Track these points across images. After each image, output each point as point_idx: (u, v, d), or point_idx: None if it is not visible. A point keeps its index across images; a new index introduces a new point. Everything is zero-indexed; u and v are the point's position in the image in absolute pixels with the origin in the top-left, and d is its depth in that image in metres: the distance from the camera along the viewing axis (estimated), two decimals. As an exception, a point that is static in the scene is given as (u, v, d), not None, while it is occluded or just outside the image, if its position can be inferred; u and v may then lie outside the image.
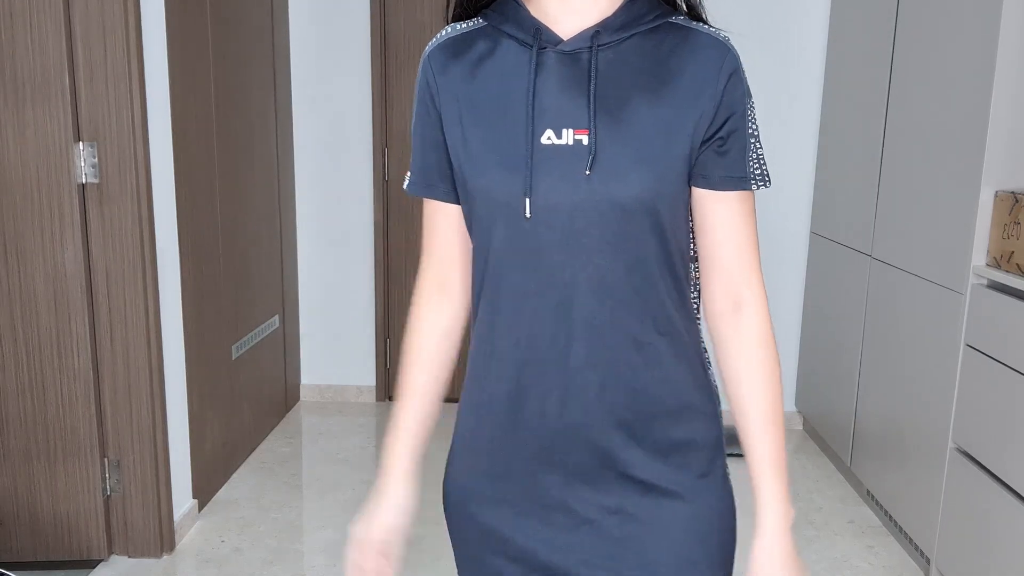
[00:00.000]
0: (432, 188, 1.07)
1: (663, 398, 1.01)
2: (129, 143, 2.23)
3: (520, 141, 0.97)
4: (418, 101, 1.06)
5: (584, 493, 1.01)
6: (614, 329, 0.98)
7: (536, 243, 0.97)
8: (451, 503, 1.12)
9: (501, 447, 1.04)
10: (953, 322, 2.26)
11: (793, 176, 3.46)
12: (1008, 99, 2.09)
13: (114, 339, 2.31)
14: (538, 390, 1.00)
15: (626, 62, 0.99)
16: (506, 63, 1.00)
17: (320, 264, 3.73)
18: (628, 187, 0.95)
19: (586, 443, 1.00)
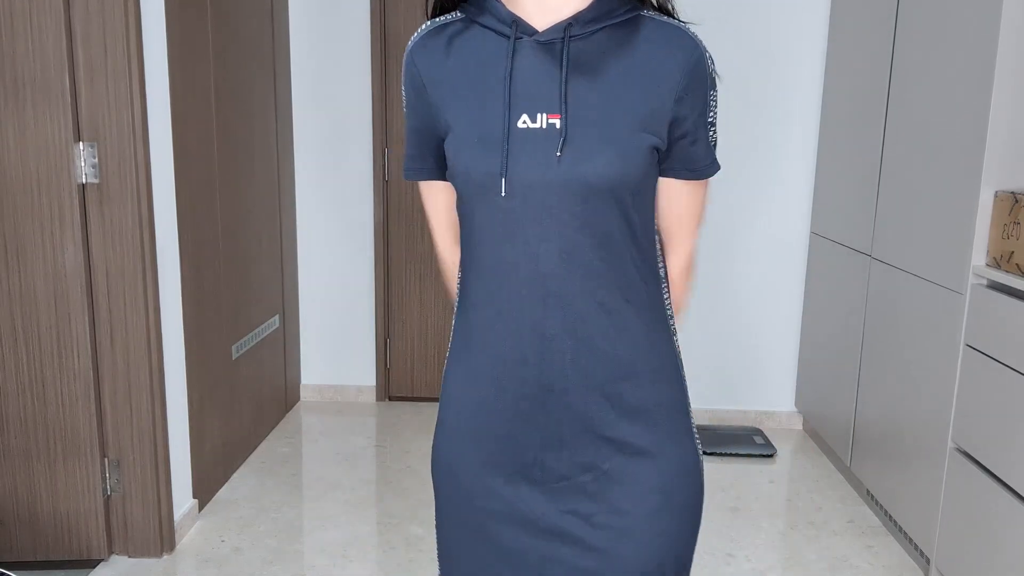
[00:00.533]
0: (422, 171, 1.17)
1: (632, 362, 1.09)
2: (129, 143, 2.23)
3: (497, 124, 1.05)
4: (407, 89, 1.14)
5: (561, 452, 1.09)
6: (585, 298, 1.06)
7: (512, 219, 1.05)
8: (438, 464, 1.19)
9: (485, 411, 1.11)
10: (953, 322, 2.26)
11: (793, 176, 3.46)
12: (1008, 99, 2.09)
13: (114, 339, 2.31)
14: (517, 357, 1.08)
15: (597, 52, 1.06)
16: (485, 52, 1.08)
17: (320, 264, 3.73)
18: (595, 168, 1.03)
19: (563, 406, 1.08)
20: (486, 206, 1.06)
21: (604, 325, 1.07)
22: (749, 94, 3.41)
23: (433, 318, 3.76)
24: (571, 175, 1.02)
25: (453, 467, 1.15)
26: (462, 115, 1.07)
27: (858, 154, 2.96)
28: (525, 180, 1.03)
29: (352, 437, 3.43)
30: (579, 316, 1.06)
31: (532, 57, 1.06)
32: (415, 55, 1.12)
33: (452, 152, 1.07)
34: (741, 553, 2.56)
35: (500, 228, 1.06)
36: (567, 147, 1.02)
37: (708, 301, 3.57)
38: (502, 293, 1.08)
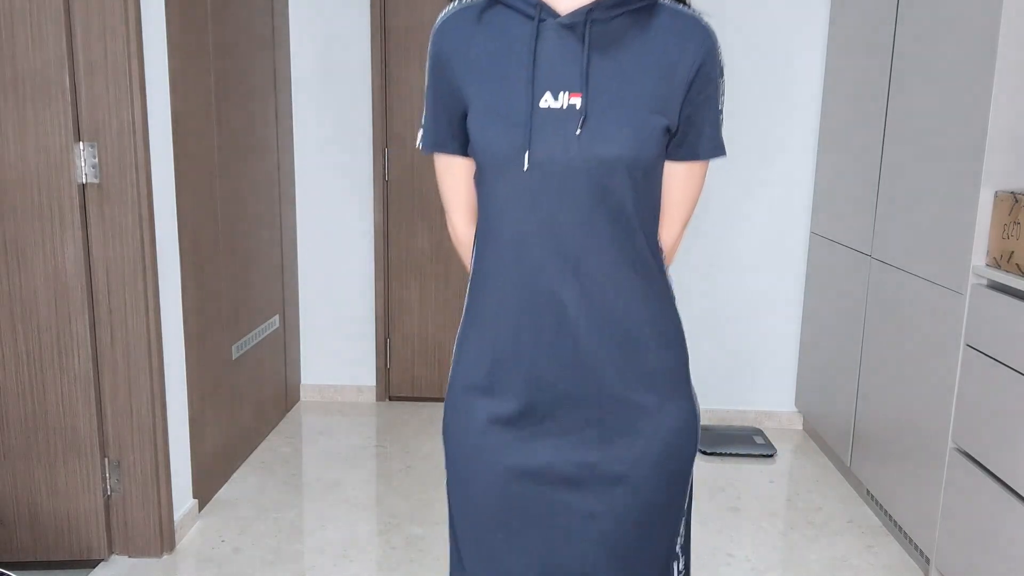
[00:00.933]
0: (443, 145, 1.22)
1: (641, 328, 1.17)
2: (129, 143, 2.23)
3: (521, 103, 1.11)
4: (430, 70, 1.20)
5: (571, 410, 1.18)
6: (599, 269, 1.14)
7: (532, 192, 1.12)
8: (451, 421, 1.25)
9: (500, 372, 1.19)
10: (953, 322, 2.26)
11: (793, 176, 3.46)
12: (1008, 99, 2.09)
13: (114, 339, 2.31)
14: (534, 323, 1.15)
15: (616, 37, 1.13)
16: (508, 33, 1.15)
17: (320, 264, 3.73)
18: (611, 147, 1.10)
19: (575, 368, 1.16)
20: (507, 180, 1.12)
21: (615, 293, 1.14)
22: (749, 94, 3.41)
23: (433, 318, 3.76)
24: (589, 152, 1.09)
25: (466, 424, 1.22)
26: (487, 92, 1.14)
27: (858, 154, 2.96)
28: (546, 156, 1.10)
29: (352, 437, 3.43)
30: (593, 284, 1.14)
31: (555, 39, 1.12)
32: (442, 33, 1.18)
33: (476, 127, 1.14)
34: (741, 553, 2.56)
35: (520, 201, 1.12)
36: (586, 126, 1.09)
37: (708, 301, 3.57)
38: (521, 263, 1.14)
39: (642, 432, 1.19)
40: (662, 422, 1.19)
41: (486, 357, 1.19)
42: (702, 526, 2.73)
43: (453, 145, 1.21)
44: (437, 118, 1.20)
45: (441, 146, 1.21)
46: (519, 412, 1.18)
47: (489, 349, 1.19)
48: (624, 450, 1.18)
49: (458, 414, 1.23)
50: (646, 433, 1.19)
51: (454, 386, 1.25)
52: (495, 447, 1.19)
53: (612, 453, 1.18)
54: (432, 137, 1.22)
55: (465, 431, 1.22)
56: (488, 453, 1.20)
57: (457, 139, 1.20)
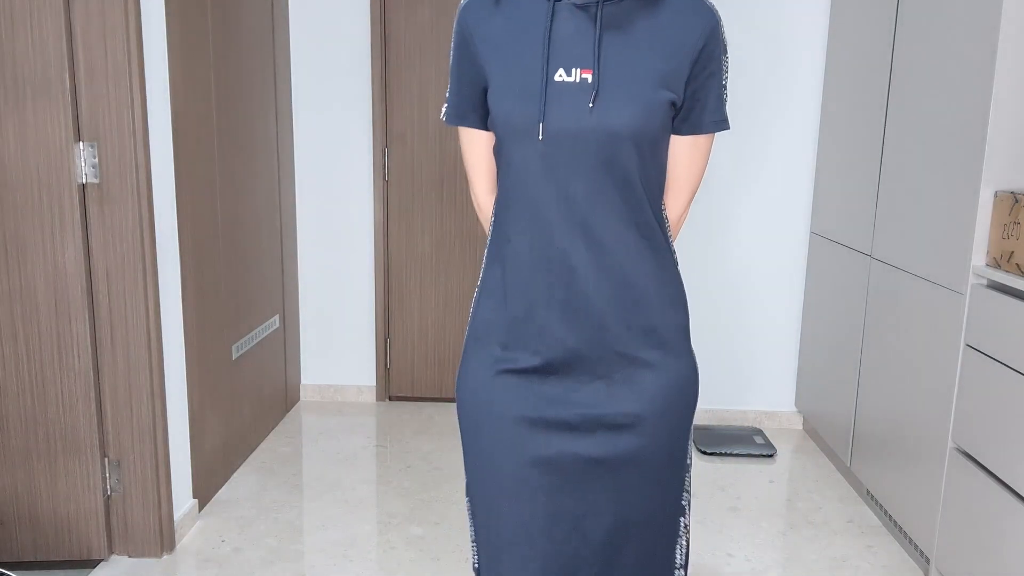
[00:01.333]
0: (465, 118, 1.31)
1: (646, 288, 1.26)
2: (129, 143, 2.23)
3: (537, 77, 1.20)
4: (456, 44, 1.29)
5: (580, 363, 1.26)
6: (607, 232, 1.22)
7: (546, 160, 1.20)
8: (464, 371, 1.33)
9: (515, 328, 1.27)
10: (953, 322, 2.26)
11: (793, 176, 3.46)
12: (1008, 99, 2.09)
13: (114, 339, 2.31)
14: (547, 281, 1.24)
15: (626, 16, 1.22)
16: (526, 13, 1.24)
17: (320, 264, 3.73)
18: (621, 119, 1.18)
19: (585, 325, 1.24)
20: (524, 149, 1.21)
21: (623, 255, 1.23)
22: (749, 94, 3.41)
23: (433, 318, 3.76)
24: (600, 124, 1.18)
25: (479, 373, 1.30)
26: (505, 68, 1.23)
27: (858, 154, 2.96)
28: (559, 127, 1.19)
29: (352, 437, 3.43)
30: (603, 247, 1.22)
31: (569, 19, 1.21)
32: (467, 12, 1.28)
33: (495, 100, 1.23)
34: (741, 553, 2.56)
35: (536, 168, 1.21)
36: (597, 99, 1.18)
37: (708, 300, 3.57)
38: (535, 226, 1.23)
39: (646, 385, 1.27)
40: (665, 376, 1.28)
41: (502, 315, 1.28)
42: (702, 526, 2.73)
43: (474, 118, 1.30)
44: (460, 92, 1.30)
45: (463, 119, 1.31)
46: (532, 368, 1.26)
47: (504, 308, 1.27)
48: (629, 402, 1.26)
49: (472, 363, 1.32)
50: (650, 386, 1.27)
51: (469, 338, 1.33)
52: (505, 396, 1.27)
53: (618, 404, 1.26)
54: (455, 110, 1.31)
55: (477, 379, 1.30)
56: (499, 403, 1.28)
57: (478, 112, 1.29)
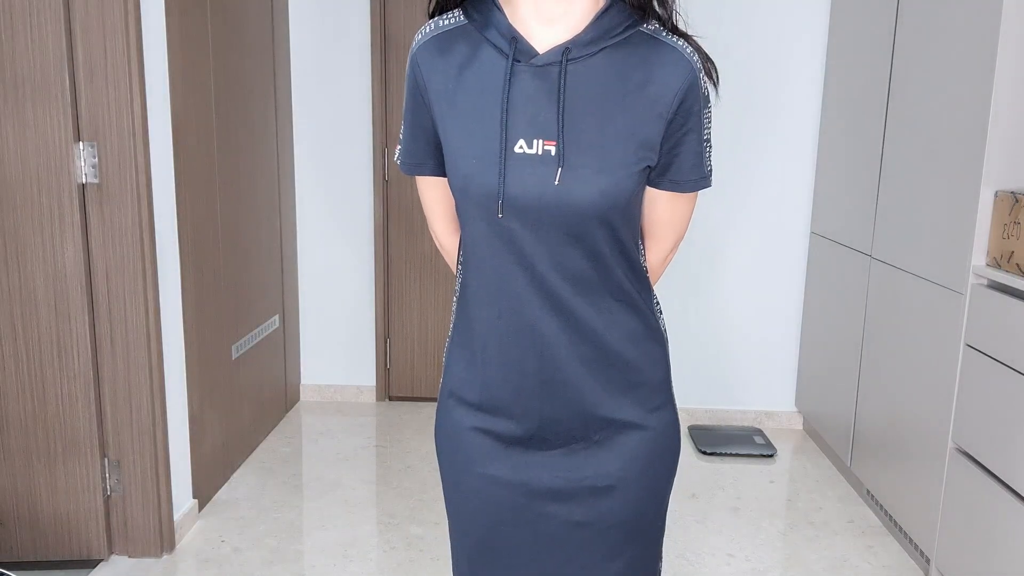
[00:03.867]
0: (420, 167, 1.20)
1: (622, 351, 1.18)
2: (129, 143, 2.23)
3: (494, 147, 1.08)
4: (407, 92, 1.17)
5: (557, 428, 1.20)
6: (578, 302, 1.14)
7: (508, 235, 1.11)
8: (443, 433, 1.27)
9: (488, 394, 1.20)
10: (953, 322, 2.26)
11: (793, 176, 3.46)
12: (1008, 99, 2.09)
13: (114, 339, 2.31)
14: (518, 354, 1.16)
15: (594, 75, 1.08)
16: (485, 67, 1.10)
17: (320, 264, 3.73)
18: (588, 196, 1.07)
19: (560, 393, 1.18)
20: (482, 221, 1.11)
21: (597, 322, 1.15)
22: (749, 94, 3.41)
23: (433, 318, 3.76)
24: (564, 200, 1.07)
25: (459, 438, 1.23)
26: (461, 129, 1.11)
27: (858, 154, 2.96)
28: (520, 202, 1.08)
29: (352, 437, 3.42)
30: (574, 316, 1.14)
31: (530, 81, 1.08)
32: (419, 59, 1.14)
33: (450, 162, 1.12)
34: (741, 553, 2.56)
35: (497, 240, 1.11)
36: (563, 175, 1.07)
37: (708, 301, 3.57)
38: (502, 297, 1.14)
39: (627, 444, 1.20)
40: (646, 433, 1.21)
41: (476, 378, 1.21)
42: (702, 526, 2.73)
43: (430, 165, 1.19)
44: (415, 139, 1.18)
45: (419, 168, 1.20)
46: (509, 430, 1.20)
47: (479, 372, 1.20)
48: (610, 462, 1.20)
49: (448, 419, 1.25)
50: (631, 444, 1.20)
51: (444, 392, 1.26)
52: (483, 456, 1.21)
53: (599, 466, 1.20)
54: (411, 158, 1.20)
55: (455, 437, 1.24)
56: (476, 462, 1.22)
57: (436, 160, 1.18)
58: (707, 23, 3.36)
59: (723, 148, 3.44)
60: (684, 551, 2.56)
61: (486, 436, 1.21)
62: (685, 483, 3.04)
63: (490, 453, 1.21)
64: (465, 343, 1.22)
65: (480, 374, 1.20)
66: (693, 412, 3.63)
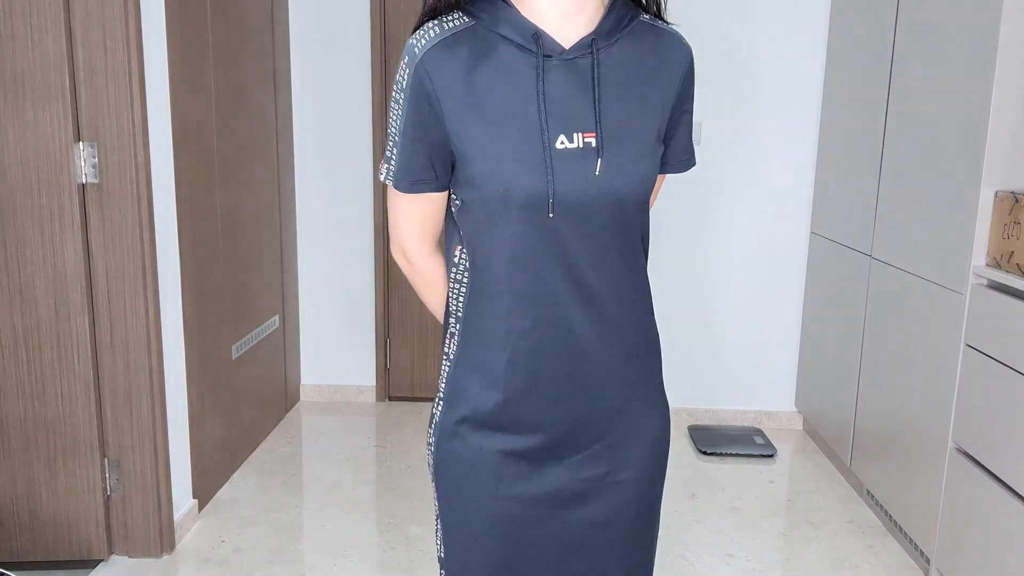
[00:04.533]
0: (421, 184, 1.12)
1: (639, 343, 1.20)
2: (129, 143, 2.23)
3: (536, 146, 1.06)
4: (410, 102, 1.08)
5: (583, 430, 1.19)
6: (607, 294, 1.14)
7: (552, 234, 1.08)
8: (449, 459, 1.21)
9: (512, 408, 1.16)
10: (953, 322, 2.26)
11: (793, 176, 3.46)
12: (1008, 99, 2.09)
13: (114, 339, 2.31)
14: (551, 359, 1.14)
15: (617, 64, 1.10)
16: (507, 67, 1.07)
17: (320, 264, 3.73)
18: (630, 182, 1.09)
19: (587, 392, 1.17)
20: (524, 225, 1.07)
21: (620, 313, 1.16)
22: (749, 94, 3.41)
23: (433, 318, 3.76)
24: (608, 190, 1.08)
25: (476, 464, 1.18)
26: (493, 134, 1.06)
27: (858, 154, 2.96)
28: (567, 199, 1.06)
29: (352, 437, 3.42)
30: (601, 310, 1.14)
31: (560, 75, 1.07)
32: (427, 66, 1.06)
33: (485, 172, 1.06)
34: (741, 553, 2.56)
35: (541, 244, 1.09)
36: (603, 164, 1.07)
37: (708, 301, 3.57)
38: (540, 304, 1.11)
39: (639, 435, 1.22)
40: (651, 423, 1.24)
41: (495, 395, 1.15)
42: (702, 526, 2.72)
43: (431, 180, 1.12)
44: (415, 154, 1.10)
45: (421, 185, 1.12)
46: (534, 445, 1.17)
47: (499, 388, 1.15)
48: (628, 456, 1.22)
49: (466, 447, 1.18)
50: (644, 435, 1.23)
51: (451, 420, 1.19)
52: (511, 478, 1.18)
53: (619, 461, 1.21)
54: (409, 176, 1.11)
55: (477, 464, 1.18)
56: (505, 485, 1.17)
57: (437, 175, 1.12)
58: (708, 23, 3.37)
59: (724, 148, 3.44)
60: (684, 551, 2.56)
61: (512, 457, 1.17)
62: (685, 483, 3.04)
63: (517, 473, 1.18)
64: (479, 365, 1.16)
65: (502, 392, 1.15)
66: (693, 412, 3.63)
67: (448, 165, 1.11)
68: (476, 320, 1.16)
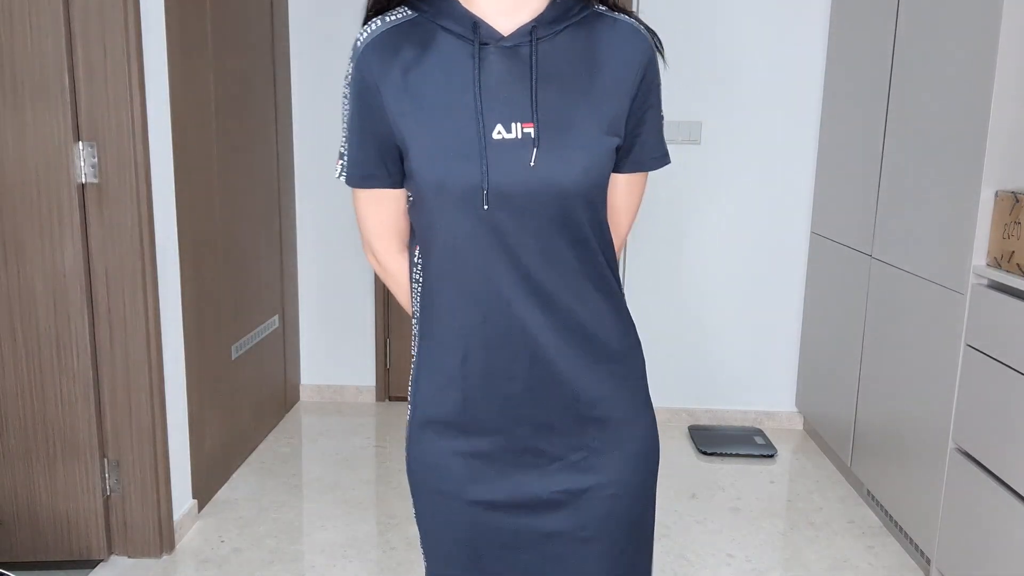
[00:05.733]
0: (371, 179, 1.12)
1: (608, 342, 1.15)
2: (129, 143, 2.23)
3: (472, 136, 1.04)
4: (355, 96, 1.09)
5: (552, 437, 1.14)
6: (564, 293, 1.10)
7: (493, 228, 1.06)
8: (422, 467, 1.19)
9: (472, 410, 1.13)
10: (953, 322, 2.26)
11: (793, 176, 3.46)
12: (1008, 99, 2.09)
13: (114, 339, 2.31)
14: (505, 357, 1.11)
15: (560, 54, 1.07)
16: (444, 56, 1.06)
17: (320, 264, 3.73)
18: (570, 174, 1.05)
19: (550, 394, 1.13)
20: (463, 218, 1.06)
21: (582, 314, 1.12)
22: (749, 94, 3.41)
23: (433, 318, 3.76)
24: (548, 181, 1.04)
25: (441, 464, 1.16)
26: (428, 125, 1.05)
27: (858, 154, 2.96)
28: (504, 190, 1.04)
29: (352, 437, 3.42)
30: (561, 309, 1.10)
31: (498, 63, 1.05)
32: (368, 57, 1.07)
33: (420, 164, 1.05)
34: (741, 553, 2.56)
35: (481, 238, 1.06)
36: (540, 155, 1.04)
37: (708, 301, 3.57)
38: (487, 299, 1.09)
39: (625, 443, 1.17)
40: (636, 432, 1.18)
41: (452, 395, 1.13)
42: (702, 526, 2.72)
43: (382, 176, 1.11)
44: (364, 148, 1.10)
45: (370, 180, 1.12)
46: (497, 447, 1.14)
47: (457, 387, 1.13)
48: (610, 468, 1.16)
49: (424, 451, 1.17)
50: (629, 443, 1.17)
51: (414, 425, 1.18)
52: (472, 481, 1.14)
53: (600, 473, 1.16)
54: (359, 170, 1.11)
55: (436, 467, 1.16)
56: (466, 489, 1.15)
57: (389, 170, 1.11)
58: (707, 23, 3.36)
59: (724, 148, 3.44)
60: (684, 551, 2.56)
61: (473, 459, 1.14)
62: (685, 483, 3.04)
63: (479, 477, 1.14)
64: (435, 364, 1.15)
65: (459, 391, 1.13)
66: (693, 412, 3.63)
67: (398, 160, 1.10)
68: (430, 319, 1.14)
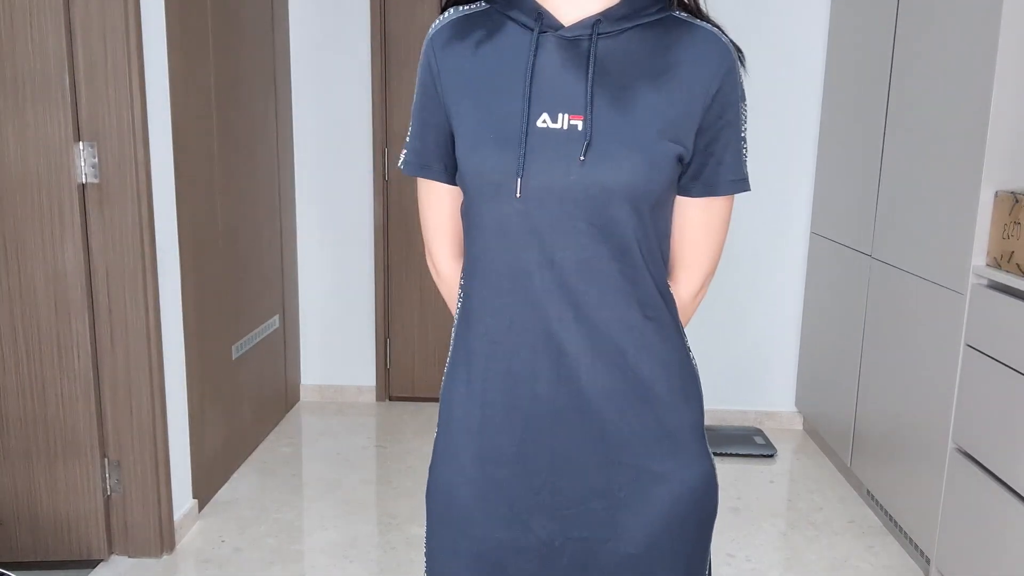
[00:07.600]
0: (427, 169, 1.09)
1: (654, 382, 1.03)
2: (129, 143, 2.23)
3: (515, 122, 0.99)
4: (420, 83, 1.08)
5: (573, 476, 1.03)
6: (605, 311, 1.00)
7: (527, 223, 0.99)
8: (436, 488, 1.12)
9: (491, 431, 1.05)
10: (953, 322, 2.26)
11: (793, 176, 3.46)
12: (1008, 99, 2.09)
13: (114, 339, 2.31)
14: (530, 372, 1.02)
15: (626, 52, 1.01)
16: (506, 44, 1.03)
17: (320, 264, 3.73)
18: (619, 173, 0.97)
19: (577, 427, 1.02)
20: (498, 209, 1.00)
21: (624, 339, 1.01)
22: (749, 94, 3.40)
23: (433, 318, 3.76)
24: (592, 180, 0.97)
25: (453, 492, 1.08)
26: (476, 110, 1.02)
27: (858, 154, 2.96)
28: (542, 183, 0.97)
29: (352, 437, 3.42)
30: (598, 327, 1.00)
31: (556, 53, 1.00)
32: (434, 43, 1.06)
33: (463, 151, 1.02)
34: (741, 553, 2.56)
35: (514, 233, 0.99)
36: (589, 150, 0.97)
37: (708, 301, 3.56)
38: (515, 303, 1.01)
39: (658, 502, 1.04)
40: (679, 491, 1.04)
41: (474, 416, 1.05)
42: (702, 526, 2.72)
43: (438, 168, 1.08)
44: (424, 137, 1.08)
45: (425, 168, 1.08)
46: (513, 477, 1.04)
47: (477, 406, 1.05)
48: (636, 527, 1.04)
49: (439, 474, 1.10)
50: (663, 503, 1.04)
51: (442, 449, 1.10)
52: (485, 522, 1.05)
53: (622, 530, 1.04)
54: (416, 158, 1.09)
55: (446, 495, 1.08)
56: (479, 528, 1.06)
57: (443, 162, 1.08)
58: (707, 23, 3.36)
59: (723, 148, 3.44)
60: (684, 551, 2.56)
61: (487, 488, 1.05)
62: (685, 483, 3.04)
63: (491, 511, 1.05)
64: (463, 371, 1.07)
65: (482, 406, 1.05)
66: (693, 412, 3.63)
67: (452, 154, 1.06)
68: (463, 320, 1.08)
